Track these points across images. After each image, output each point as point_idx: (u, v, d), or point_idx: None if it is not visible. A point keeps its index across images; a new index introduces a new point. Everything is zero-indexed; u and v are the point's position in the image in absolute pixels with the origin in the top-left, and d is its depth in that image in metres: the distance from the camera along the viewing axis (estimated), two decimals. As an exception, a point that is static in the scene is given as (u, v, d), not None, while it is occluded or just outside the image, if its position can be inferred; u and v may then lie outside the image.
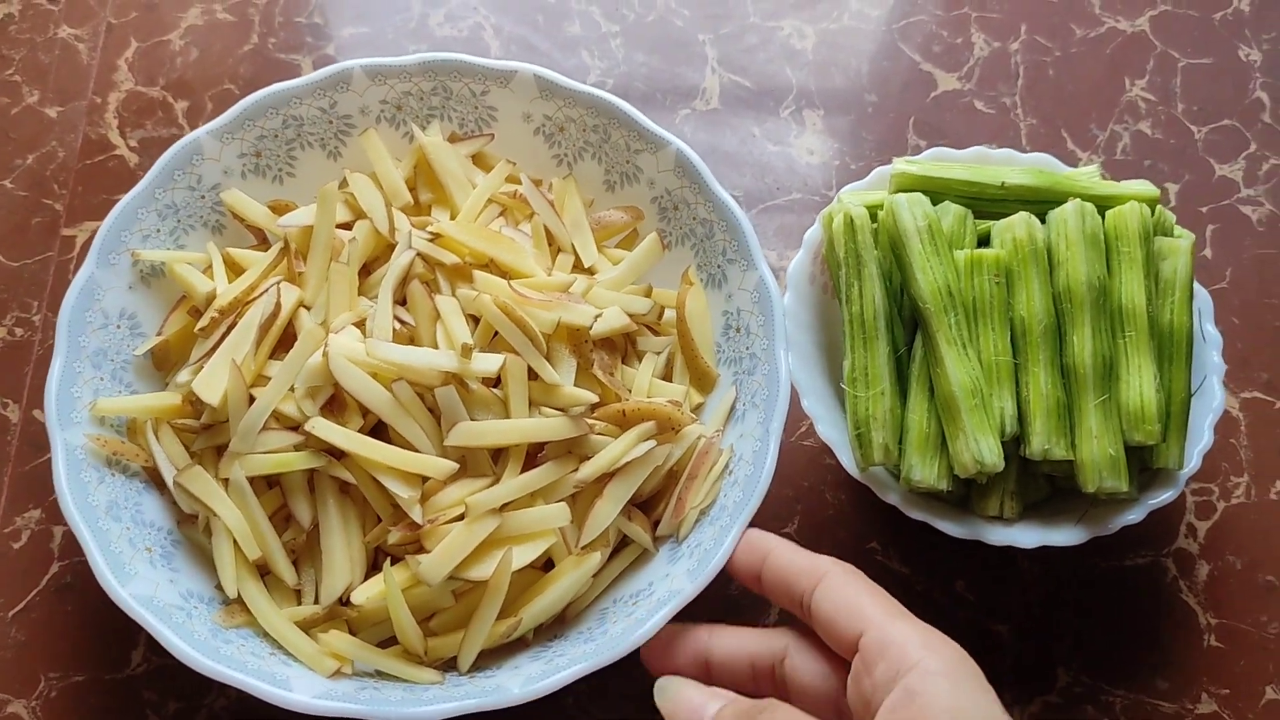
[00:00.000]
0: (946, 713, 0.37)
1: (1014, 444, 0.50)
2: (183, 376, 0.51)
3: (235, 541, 0.48)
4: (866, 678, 0.40)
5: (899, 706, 0.38)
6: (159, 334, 0.53)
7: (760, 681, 0.45)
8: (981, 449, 0.47)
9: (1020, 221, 0.50)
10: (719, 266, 0.54)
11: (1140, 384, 0.48)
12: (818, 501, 0.57)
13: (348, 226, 0.54)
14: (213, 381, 0.49)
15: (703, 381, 0.54)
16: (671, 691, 0.43)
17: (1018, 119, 0.68)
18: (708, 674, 0.45)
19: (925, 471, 0.48)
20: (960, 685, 0.38)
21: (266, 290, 0.51)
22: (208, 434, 0.50)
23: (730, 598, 0.55)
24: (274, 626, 0.48)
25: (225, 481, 0.49)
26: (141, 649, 0.53)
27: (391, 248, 0.53)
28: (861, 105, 0.68)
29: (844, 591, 0.42)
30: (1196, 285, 0.53)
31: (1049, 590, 0.56)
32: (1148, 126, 0.68)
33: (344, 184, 0.56)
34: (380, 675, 0.48)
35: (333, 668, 0.47)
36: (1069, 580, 0.56)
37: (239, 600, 0.49)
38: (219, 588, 0.49)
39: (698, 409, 0.54)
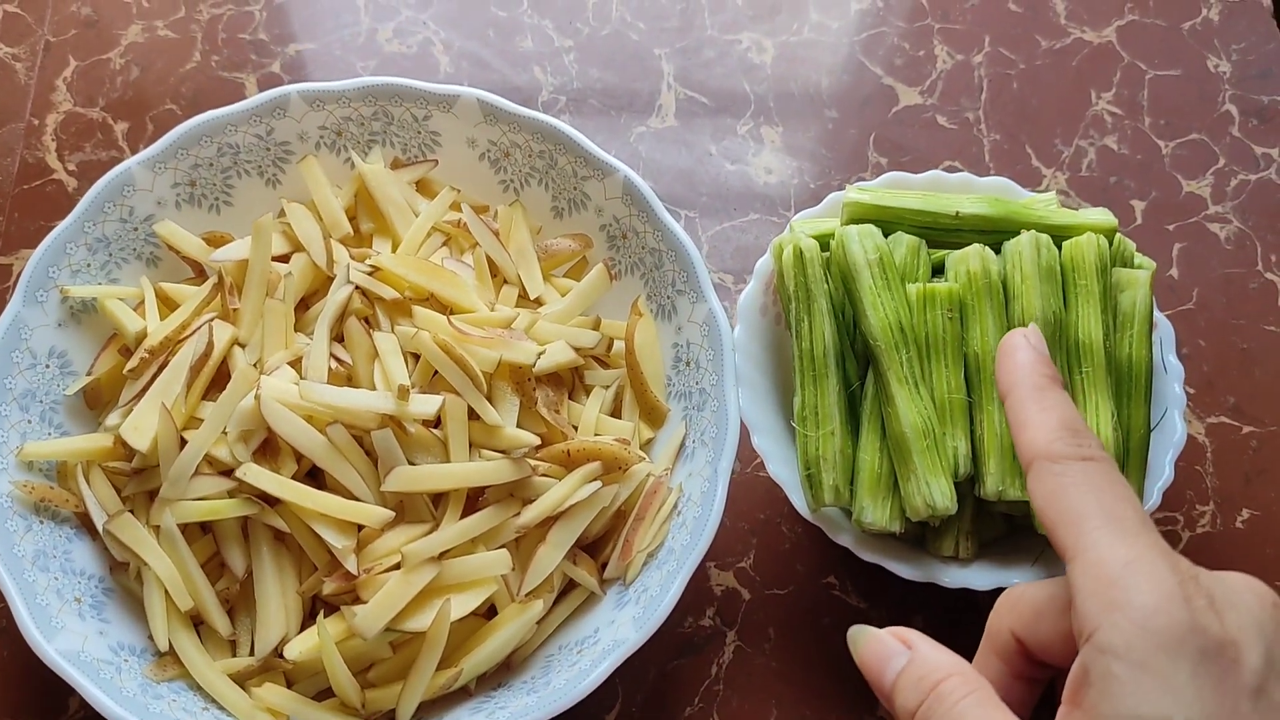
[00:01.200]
0: None
1: (969, 483, 0.48)
2: (113, 419, 0.49)
3: (167, 591, 0.47)
4: (1075, 619, 0.32)
5: (1069, 695, 0.31)
6: (89, 373, 0.51)
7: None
8: (933, 492, 0.46)
9: (974, 254, 0.49)
10: (669, 298, 0.53)
11: (1097, 422, 0.47)
12: (774, 535, 0.56)
13: (286, 258, 0.52)
14: (142, 425, 0.47)
15: (653, 416, 0.53)
16: (863, 640, 0.37)
17: (981, 134, 0.66)
18: None
19: (877, 514, 0.47)
20: (1151, 681, 0.30)
21: (198, 329, 0.49)
22: (139, 479, 0.48)
23: (683, 635, 0.54)
24: (207, 680, 0.46)
25: (157, 528, 0.47)
26: (78, 696, 0.52)
27: (330, 280, 0.51)
28: (822, 121, 0.67)
29: (1058, 483, 0.34)
30: (1158, 314, 0.52)
31: (1009, 624, 0.55)
32: (1114, 141, 0.67)
33: (282, 213, 0.54)
34: (316, 729, 0.47)
35: (266, 724, 0.46)
36: (1030, 613, 0.55)
37: (171, 652, 0.47)
38: (152, 638, 0.48)
39: (648, 444, 0.53)
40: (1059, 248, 0.49)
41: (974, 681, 0.34)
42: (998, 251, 0.50)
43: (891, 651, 0.36)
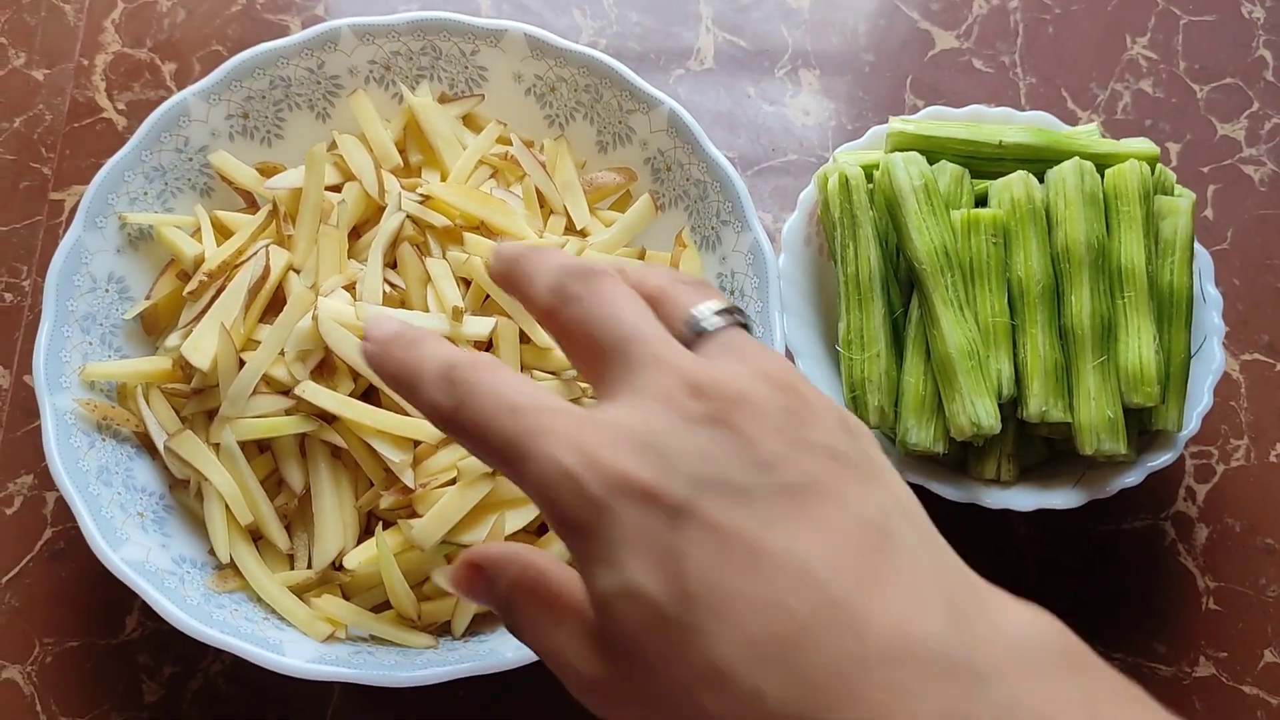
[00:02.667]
0: None
1: (1011, 406, 0.49)
2: (172, 340, 0.50)
3: (227, 506, 0.48)
4: None
5: None
6: (148, 298, 0.53)
7: None
8: (978, 411, 0.46)
9: (1018, 180, 0.49)
10: (713, 228, 0.54)
11: (1139, 345, 0.48)
12: (814, 465, 0.57)
13: (336, 189, 0.53)
14: (202, 345, 0.48)
15: (697, 344, 0.54)
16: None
17: (1017, 78, 0.67)
18: None
19: (921, 434, 0.48)
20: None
21: (255, 253, 0.50)
22: (198, 399, 0.49)
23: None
24: (267, 591, 0.48)
25: (216, 446, 0.48)
26: (136, 614, 0.53)
27: (381, 210, 0.52)
28: (858, 65, 0.67)
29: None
30: (1197, 245, 0.53)
31: (1046, 554, 0.56)
32: (1149, 85, 0.67)
33: (333, 146, 0.55)
34: (374, 639, 0.48)
35: (326, 632, 0.47)
36: (1067, 543, 0.56)
37: (232, 565, 0.48)
38: (212, 553, 0.49)
39: (692, 372, 0.54)
40: (1101, 176, 0.50)
41: None
42: (1041, 181, 0.50)
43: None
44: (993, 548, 0.56)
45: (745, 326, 0.34)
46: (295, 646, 0.46)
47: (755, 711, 0.27)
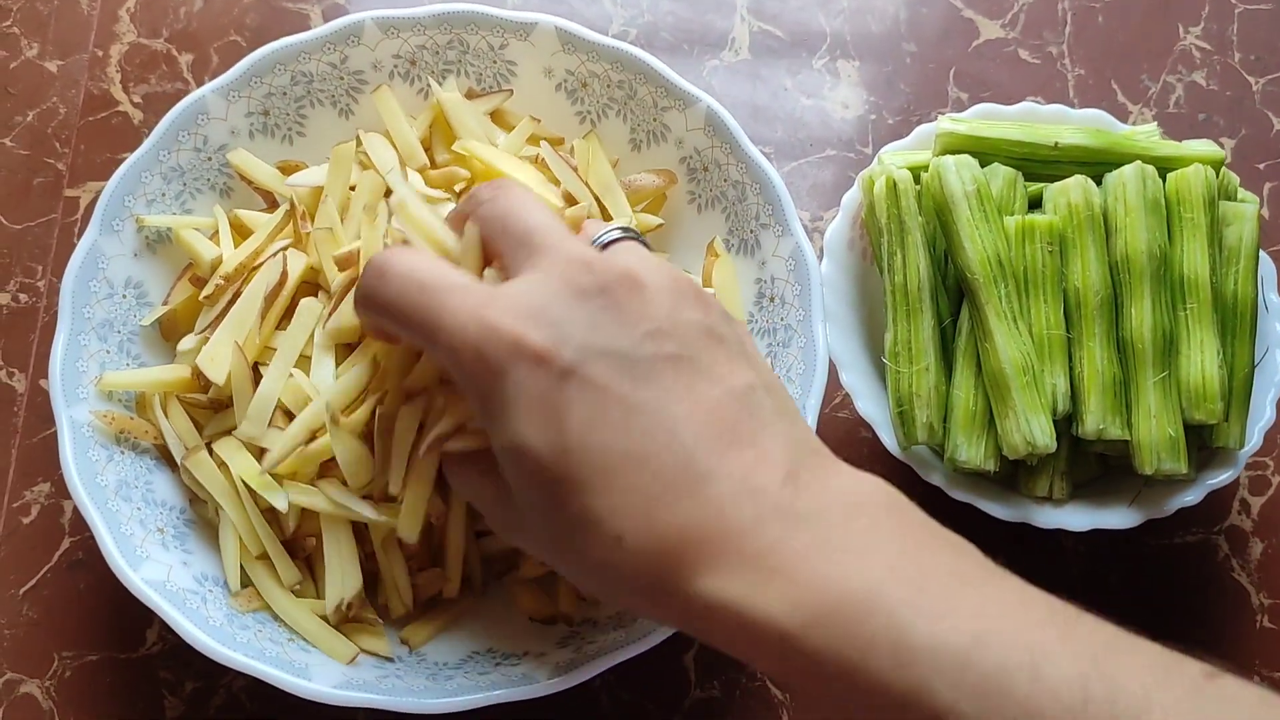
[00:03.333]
0: None
1: (1065, 422, 0.47)
2: (186, 344, 0.48)
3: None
4: None
5: None
6: (165, 303, 0.51)
7: None
8: (1033, 429, 0.44)
9: (1075, 185, 0.47)
10: (752, 232, 0.52)
11: (1202, 360, 0.45)
12: (853, 476, 0.55)
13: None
14: (218, 357, 0.46)
15: (735, 353, 0.52)
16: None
17: (1065, 69, 0.64)
18: None
19: (971, 452, 0.46)
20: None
21: (272, 256, 0.48)
22: (218, 418, 0.47)
23: (762, 576, 0.53)
24: (288, 614, 0.46)
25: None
26: (157, 628, 0.52)
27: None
28: (899, 55, 0.65)
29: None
30: (1260, 251, 0.50)
31: (1095, 568, 0.54)
32: (1202, 77, 0.64)
33: (358, 143, 0.53)
34: (401, 660, 0.46)
35: (350, 655, 0.45)
36: (1116, 558, 0.54)
37: (254, 584, 0.47)
38: (235, 569, 0.47)
39: (729, 381, 0.52)
40: (1163, 179, 0.47)
41: None
42: (1098, 184, 0.48)
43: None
44: (1040, 560, 0.54)
45: (644, 244, 0.39)
46: (321, 670, 0.44)
47: (616, 553, 0.32)
